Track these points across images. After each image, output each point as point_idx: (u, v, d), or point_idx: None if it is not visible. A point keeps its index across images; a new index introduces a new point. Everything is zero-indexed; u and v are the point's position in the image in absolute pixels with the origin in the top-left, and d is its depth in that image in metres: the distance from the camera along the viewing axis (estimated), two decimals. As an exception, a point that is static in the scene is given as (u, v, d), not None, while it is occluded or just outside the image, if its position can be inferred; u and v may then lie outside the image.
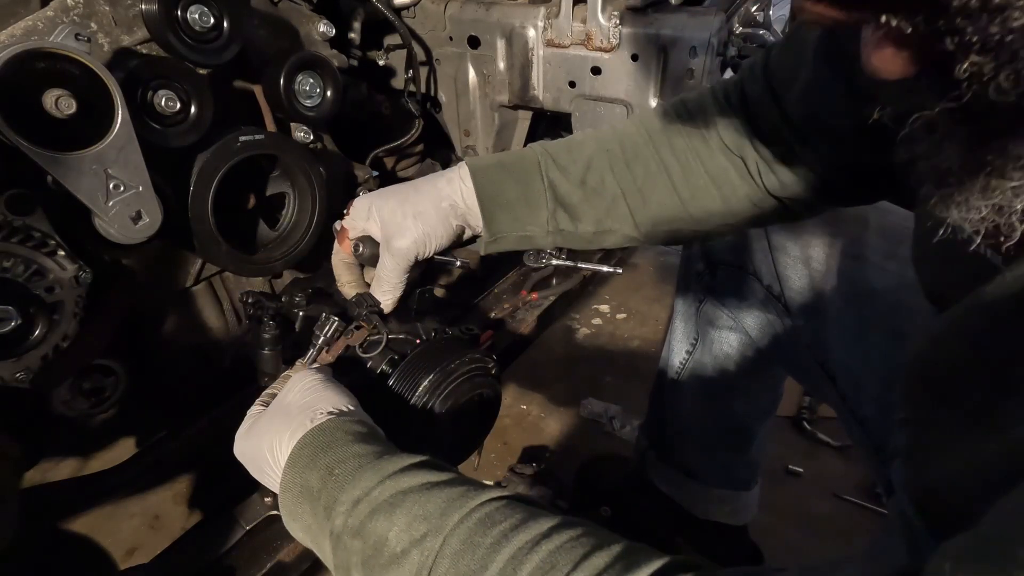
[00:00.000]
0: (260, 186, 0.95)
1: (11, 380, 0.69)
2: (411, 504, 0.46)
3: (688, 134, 0.75)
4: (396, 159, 1.49)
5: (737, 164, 0.75)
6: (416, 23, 1.33)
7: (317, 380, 0.61)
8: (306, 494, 0.51)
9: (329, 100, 0.94)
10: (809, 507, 1.41)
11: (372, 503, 0.47)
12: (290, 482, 0.52)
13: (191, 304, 1.03)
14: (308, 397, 0.58)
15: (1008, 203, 0.34)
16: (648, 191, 0.76)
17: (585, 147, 0.77)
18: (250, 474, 0.61)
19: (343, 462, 0.50)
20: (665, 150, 0.76)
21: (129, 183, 0.70)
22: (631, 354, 1.89)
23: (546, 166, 0.76)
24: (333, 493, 0.49)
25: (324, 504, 0.49)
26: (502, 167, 0.75)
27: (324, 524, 0.49)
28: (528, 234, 0.77)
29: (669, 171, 0.75)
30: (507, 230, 0.76)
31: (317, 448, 0.52)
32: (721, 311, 1.05)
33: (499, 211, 0.75)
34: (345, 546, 0.47)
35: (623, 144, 0.77)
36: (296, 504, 0.52)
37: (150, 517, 1.36)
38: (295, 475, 0.52)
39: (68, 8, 0.72)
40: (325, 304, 0.86)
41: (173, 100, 0.75)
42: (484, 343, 1.24)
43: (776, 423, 1.33)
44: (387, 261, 0.73)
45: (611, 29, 1.15)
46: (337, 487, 0.49)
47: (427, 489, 0.47)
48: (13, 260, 0.67)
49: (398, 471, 0.48)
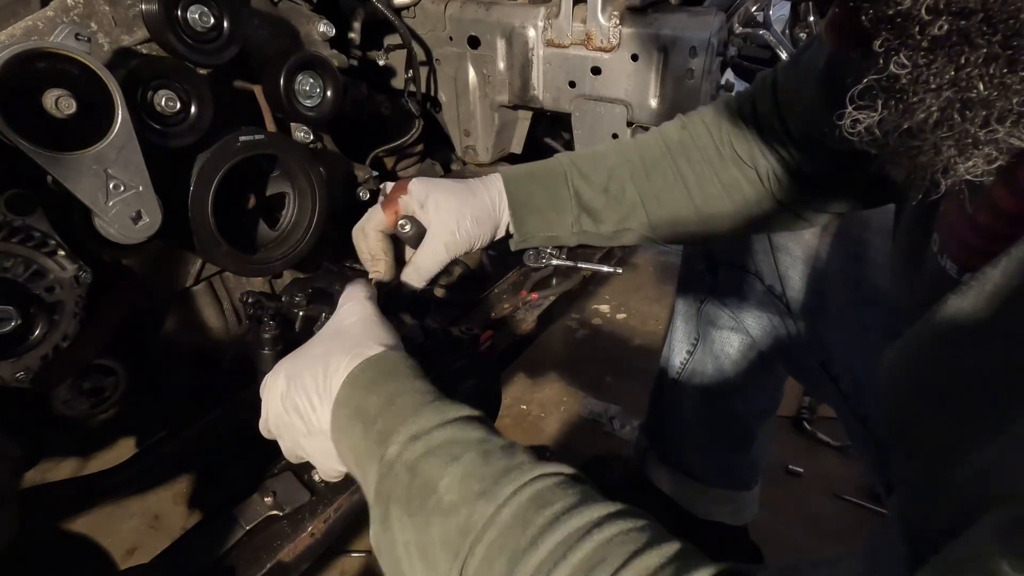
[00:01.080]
0: (260, 186, 0.95)
1: (11, 380, 0.68)
2: (467, 460, 0.46)
3: (703, 146, 0.82)
4: (396, 159, 1.49)
5: (748, 174, 0.80)
6: (416, 23, 1.33)
7: (375, 314, 0.63)
8: (360, 414, 0.52)
9: (329, 100, 0.94)
10: (809, 507, 1.41)
11: (429, 443, 0.47)
12: (346, 398, 0.53)
13: (191, 304, 1.03)
14: (368, 326, 0.60)
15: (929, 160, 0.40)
16: (665, 198, 0.82)
17: (608, 158, 0.83)
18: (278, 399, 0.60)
19: (404, 394, 0.51)
20: (681, 160, 0.82)
21: (129, 183, 0.70)
22: (631, 354, 1.89)
23: (571, 175, 0.82)
24: (391, 423, 0.49)
25: (379, 429, 0.50)
26: (532, 176, 0.82)
27: (375, 449, 0.49)
28: (554, 234, 0.83)
29: (685, 180, 0.81)
30: (536, 231, 0.83)
31: (379, 374, 0.53)
32: (722, 311, 1.05)
33: (529, 215, 0.81)
34: (394, 476, 0.47)
35: (643, 155, 0.83)
36: (348, 422, 0.53)
37: (150, 517, 1.36)
38: (352, 393, 0.53)
39: (68, 8, 0.72)
40: (325, 304, 0.86)
41: (173, 100, 0.75)
42: (484, 343, 1.24)
43: (776, 423, 1.33)
44: (436, 251, 0.76)
45: (611, 29, 1.15)
46: (396, 418, 0.50)
47: (484, 448, 0.47)
48: (13, 260, 0.67)
49: (457, 419, 0.49)
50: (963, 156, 0.40)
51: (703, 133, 0.83)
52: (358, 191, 1.12)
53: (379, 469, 0.48)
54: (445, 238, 0.76)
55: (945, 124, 0.38)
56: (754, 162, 0.79)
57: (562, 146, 1.68)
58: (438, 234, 0.76)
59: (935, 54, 0.37)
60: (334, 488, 0.95)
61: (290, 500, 0.92)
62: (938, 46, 0.36)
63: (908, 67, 0.38)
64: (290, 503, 0.92)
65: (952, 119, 0.38)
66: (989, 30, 0.35)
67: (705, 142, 0.82)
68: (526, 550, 0.40)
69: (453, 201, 0.76)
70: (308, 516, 0.91)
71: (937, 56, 0.37)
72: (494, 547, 0.41)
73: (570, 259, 1.46)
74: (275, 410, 0.60)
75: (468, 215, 0.77)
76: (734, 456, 1.17)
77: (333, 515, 0.92)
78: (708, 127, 0.83)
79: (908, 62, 0.37)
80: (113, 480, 0.97)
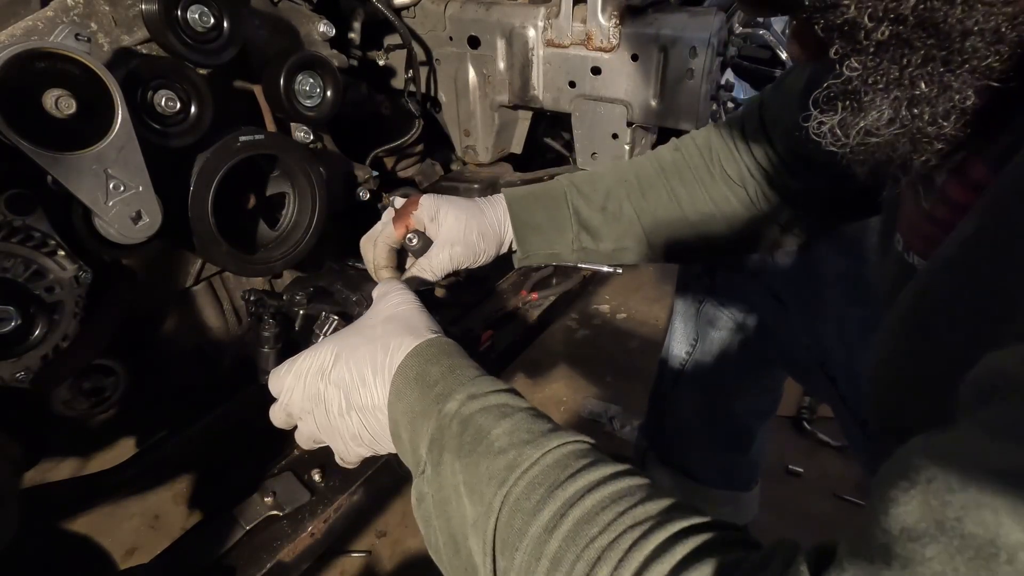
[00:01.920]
0: (260, 186, 0.95)
1: (11, 380, 0.68)
2: (518, 418, 0.50)
3: (695, 166, 0.87)
4: (396, 159, 1.49)
5: (738, 192, 0.84)
6: (416, 23, 1.33)
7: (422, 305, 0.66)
8: (420, 380, 0.56)
9: (329, 100, 0.94)
10: (809, 507, 1.41)
11: (484, 403, 0.52)
12: (408, 366, 0.57)
13: (191, 304, 1.03)
14: (422, 315, 0.64)
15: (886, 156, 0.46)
16: (660, 215, 0.87)
17: (605, 178, 0.88)
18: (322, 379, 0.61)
19: (463, 368, 0.56)
20: (675, 180, 0.87)
21: (129, 183, 0.70)
22: (631, 354, 1.89)
23: (571, 195, 0.87)
24: (451, 385, 0.54)
25: (439, 392, 0.54)
26: (533, 196, 0.87)
27: (432, 407, 0.54)
28: (556, 251, 0.89)
29: (679, 199, 0.86)
30: (537, 249, 0.88)
31: (442, 350, 0.58)
32: (721, 312, 1.05)
33: (531, 233, 0.86)
34: (449, 427, 0.52)
35: (638, 175, 0.88)
36: (407, 386, 0.56)
37: (150, 517, 1.36)
38: (416, 363, 0.57)
39: (68, 8, 0.72)
40: (325, 303, 0.86)
41: (173, 100, 0.75)
42: (484, 343, 1.24)
43: (776, 423, 1.33)
44: (443, 259, 0.80)
45: (611, 29, 1.15)
46: (456, 382, 0.54)
47: (533, 413, 0.52)
48: (13, 260, 0.67)
49: (509, 390, 0.54)
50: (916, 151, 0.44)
51: (695, 154, 0.87)
52: (358, 191, 1.12)
53: (436, 422, 0.53)
54: (451, 248, 0.80)
55: (897, 121, 0.43)
56: (743, 181, 0.84)
57: (562, 146, 1.68)
58: (445, 244, 0.80)
59: (880, 57, 0.41)
60: (334, 488, 0.95)
61: (290, 500, 0.92)
62: (882, 50, 0.41)
63: (859, 70, 0.42)
64: (290, 503, 0.92)
65: (902, 116, 0.42)
66: (924, 34, 0.39)
67: (697, 163, 0.87)
68: (563, 483, 0.44)
69: (462, 215, 0.81)
70: (308, 516, 0.91)
71: (882, 59, 0.41)
72: (536, 480, 0.45)
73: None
74: (308, 387, 0.62)
75: (475, 229, 0.81)
76: (734, 457, 1.17)
77: (333, 515, 0.93)
78: (699, 148, 0.87)
79: (858, 65, 0.42)
80: (113, 480, 0.97)
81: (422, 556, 1.29)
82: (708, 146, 0.87)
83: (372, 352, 0.59)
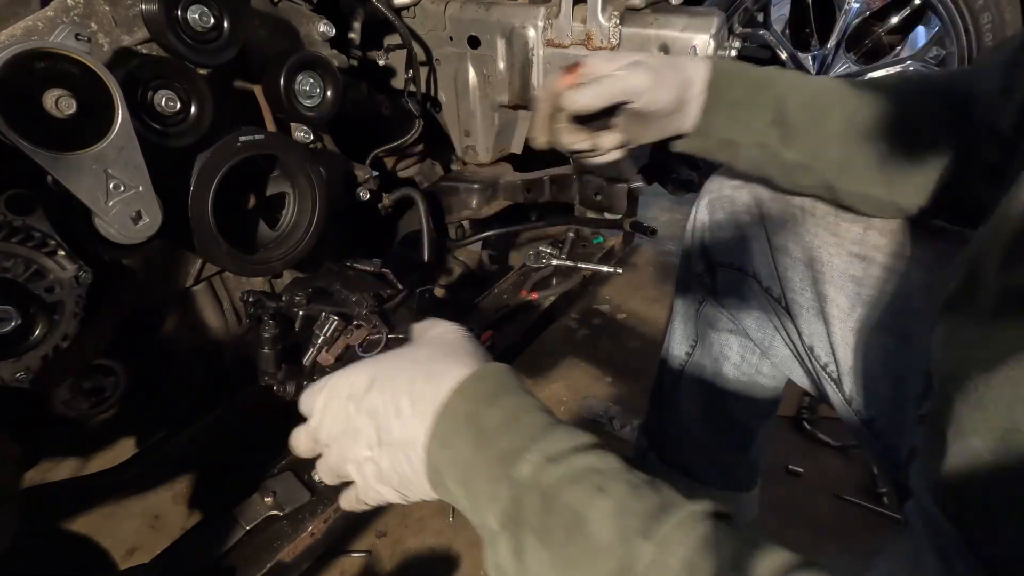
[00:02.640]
0: (260, 186, 0.95)
1: (11, 380, 0.68)
2: (618, 494, 0.41)
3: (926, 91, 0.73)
4: (396, 159, 1.49)
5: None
6: (416, 23, 1.33)
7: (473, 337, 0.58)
8: (473, 425, 0.47)
9: (329, 100, 0.94)
10: (809, 507, 1.41)
11: (569, 470, 0.43)
12: (456, 406, 0.48)
13: (191, 304, 1.03)
14: (473, 343, 0.55)
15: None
16: (866, 148, 0.74)
17: (823, 80, 0.80)
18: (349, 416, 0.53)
19: (530, 411, 0.47)
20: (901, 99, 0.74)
21: (129, 183, 0.70)
22: (631, 354, 1.89)
23: (780, 82, 0.77)
24: (519, 439, 0.45)
25: (504, 448, 0.45)
26: (743, 69, 0.78)
27: (497, 468, 0.45)
28: (733, 138, 0.78)
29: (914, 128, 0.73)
30: (716, 128, 0.77)
31: (498, 387, 0.49)
32: (721, 313, 1.05)
33: (719, 107, 0.77)
34: (527, 501, 0.43)
35: (859, 88, 0.76)
36: (456, 432, 0.47)
37: (150, 517, 1.36)
38: (465, 403, 0.48)
39: (68, 8, 0.72)
40: (325, 304, 0.87)
41: (173, 100, 0.75)
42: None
43: (776, 423, 1.33)
44: (635, 75, 0.74)
45: (611, 29, 1.15)
46: (526, 435, 0.45)
47: (630, 479, 0.42)
48: (13, 260, 0.67)
49: (592, 446, 0.45)
50: None
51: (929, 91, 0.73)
52: (358, 191, 1.12)
53: (508, 491, 0.44)
54: (637, 58, 0.75)
55: None
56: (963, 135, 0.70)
57: (562, 146, 1.68)
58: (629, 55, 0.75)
59: None
60: (334, 488, 0.95)
61: (290, 500, 0.92)
62: None
63: None
64: (290, 503, 0.92)
65: None
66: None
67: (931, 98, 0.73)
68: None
69: (654, 64, 0.75)
70: (308, 516, 0.91)
71: None
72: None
73: (570, 259, 1.46)
74: (338, 412, 0.54)
75: (667, 65, 0.75)
76: (734, 457, 1.17)
77: (333, 515, 0.92)
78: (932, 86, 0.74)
79: None
80: (113, 480, 0.97)
81: (422, 556, 1.29)
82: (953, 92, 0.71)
83: (411, 378, 0.51)
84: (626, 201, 1.42)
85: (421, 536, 1.32)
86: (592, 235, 1.57)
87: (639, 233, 1.55)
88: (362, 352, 0.77)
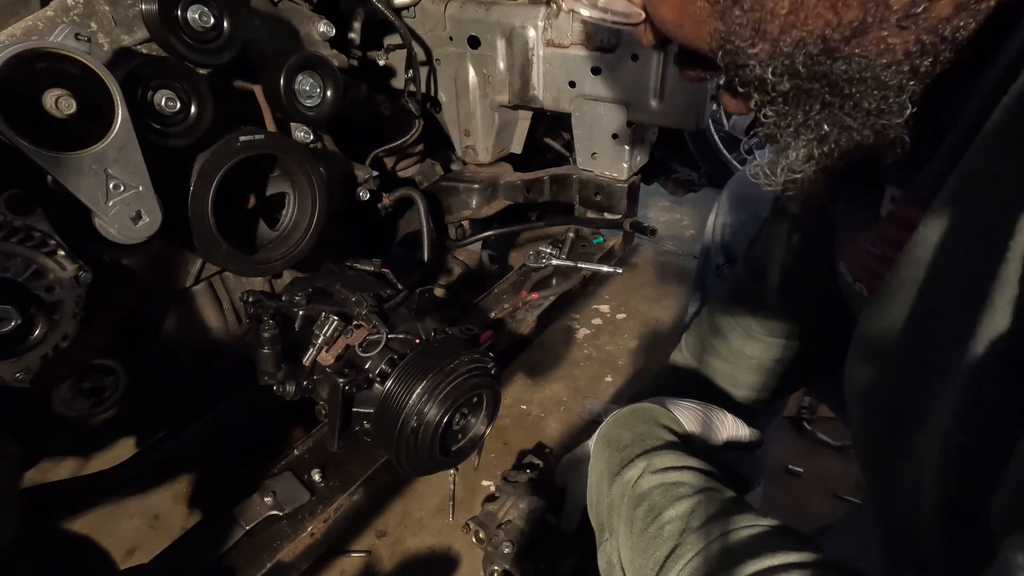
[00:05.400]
0: (260, 186, 0.95)
1: (11, 380, 0.68)
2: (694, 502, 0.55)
3: (716, 352, 0.97)
4: (396, 159, 1.49)
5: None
6: (416, 23, 1.33)
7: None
8: (612, 444, 0.65)
9: (329, 100, 0.94)
10: (809, 507, 1.41)
11: (663, 479, 0.58)
12: (606, 428, 0.68)
13: (191, 304, 1.02)
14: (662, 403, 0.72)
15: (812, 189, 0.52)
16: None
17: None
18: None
19: (654, 435, 0.65)
20: (708, 371, 0.97)
21: (129, 183, 0.70)
22: (631, 354, 1.89)
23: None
24: (636, 452, 0.62)
25: (625, 456, 0.62)
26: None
27: (616, 468, 0.61)
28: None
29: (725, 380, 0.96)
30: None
31: (637, 415, 0.68)
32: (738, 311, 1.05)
33: None
34: (626, 497, 0.58)
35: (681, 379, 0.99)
36: (602, 449, 0.66)
37: (150, 517, 1.36)
38: (612, 426, 0.68)
39: (68, 8, 0.72)
40: (325, 303, 0.86)
41: (173, 100, 0.75)
42: (484, 343, 1.24)
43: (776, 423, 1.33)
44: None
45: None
46: (642, 449, 0.62)
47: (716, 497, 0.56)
48: (13, 260, 0.67)
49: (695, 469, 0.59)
50: (835, 182, 0.50)
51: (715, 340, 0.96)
52: (358, 191, 1.12)
53: (618, 485, 0.60)
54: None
55: (812, 159, 0.49)
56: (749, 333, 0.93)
57: (562, 146, 1.68)
58: None
59: (788, 105, 0.47)
60: (334, 488, 0.95)
61: (290, 500, 0.92)
62: (788, 99, 0.47)
63: (773, 117, 0.49)
64: (290, 503, 0.92)
65: (815, 154, 0.48)
66: (817, 84, 0.45)
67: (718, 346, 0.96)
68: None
69: None
70: (308, 516, 0.91)
71: (790, 107, 0.47)
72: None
73: (570, 259, 1.46)
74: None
75: None
76: (736, 457, 1.17)
77: (333, 515, 0.92)
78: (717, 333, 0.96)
79: (772, 113, 0.49)
80: (113, 480, 0.97)
81: (422, 556, 1.29)
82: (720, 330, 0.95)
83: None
84: (626, 201, 1.42)
85: (421, 536, 1.32)
86: (592, 235, 1.57)
87: (639, 233, 1.55)
88: (362, 352, 0.77)
